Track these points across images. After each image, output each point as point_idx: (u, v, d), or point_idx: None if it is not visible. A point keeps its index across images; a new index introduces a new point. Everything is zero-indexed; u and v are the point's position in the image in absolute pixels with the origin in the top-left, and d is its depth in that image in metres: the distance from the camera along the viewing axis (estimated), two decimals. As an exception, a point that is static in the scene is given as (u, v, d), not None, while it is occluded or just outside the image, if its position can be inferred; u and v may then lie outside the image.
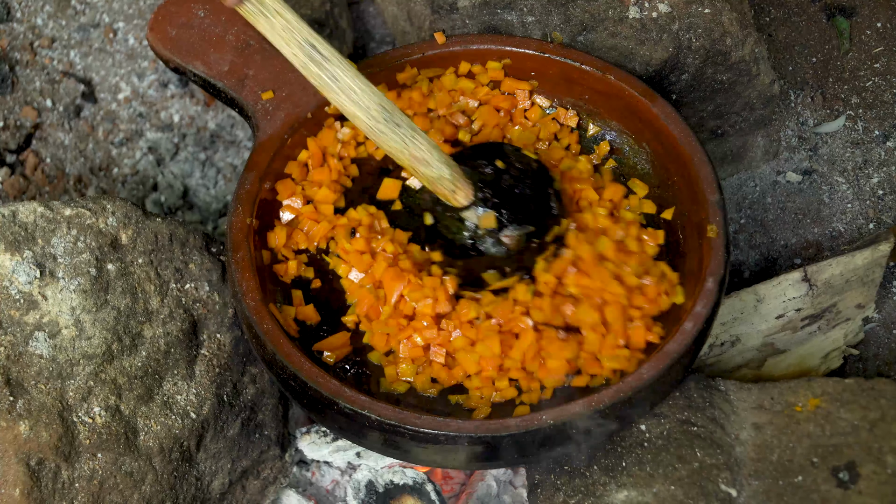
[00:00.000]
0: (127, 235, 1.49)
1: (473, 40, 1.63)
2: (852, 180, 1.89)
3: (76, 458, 1.38)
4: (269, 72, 1.60)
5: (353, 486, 1.58)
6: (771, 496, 1.37)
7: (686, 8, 1.67)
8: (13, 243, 1.43)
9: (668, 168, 1.55)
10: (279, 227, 1.52)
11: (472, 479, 1.59)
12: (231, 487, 1.52)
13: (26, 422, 1.36)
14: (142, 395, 1.43)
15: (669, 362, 1.37)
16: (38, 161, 1.94)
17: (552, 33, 1.67)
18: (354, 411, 1.36)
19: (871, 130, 1.93)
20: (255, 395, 1.54)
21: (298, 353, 1.40)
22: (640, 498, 1.38)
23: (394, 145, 1.39)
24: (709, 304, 1.40)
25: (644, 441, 1.42)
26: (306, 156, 1.56)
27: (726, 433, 1.43)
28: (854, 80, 1.96)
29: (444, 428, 1.34)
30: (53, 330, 1.41)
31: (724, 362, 1.66)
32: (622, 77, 1.57)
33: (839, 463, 1.38)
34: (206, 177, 1.97)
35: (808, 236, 1.86)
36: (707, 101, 1.77)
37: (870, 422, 1.40)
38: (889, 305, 1.77)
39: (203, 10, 1.63)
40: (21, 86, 1.97)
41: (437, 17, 1.72)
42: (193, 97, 2.00)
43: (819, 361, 1.69)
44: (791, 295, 1.66)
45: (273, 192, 1.54)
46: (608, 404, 1.35)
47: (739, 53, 1.70)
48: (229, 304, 1.53)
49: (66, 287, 1.43)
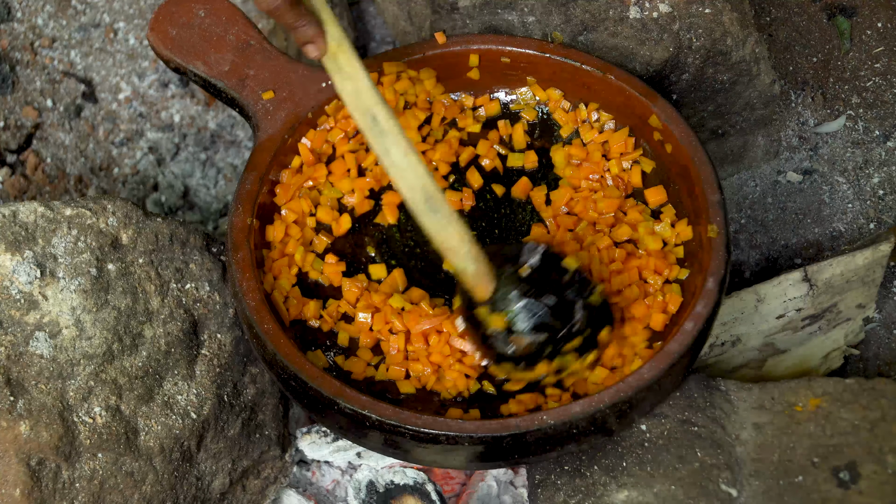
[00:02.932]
0: (127, 235, 1.49)
1: (474, 40, 1.63)
2: (853, 180, 1.89)
3: (77, 458, 1.38)
4: (269, 72, 1.60)
5: (354, 486, 1.58)
6: (771, 496, 1.37)
7: (687, 8, 1.67)
8: (14, 243, 1.43)
9: (668, 168, 1.55)
10: (279, 223, 1.53)
11: (473, 479, 1.59)
12: (231, 487, 1.52)
13: (27, 422, 1.36)
14: (142, 395, 1.43)
15: (670, 362, 1.37)
16: (39, 161, 1.94)
17: (553, 33, 1.68)
18: (355, 411, 1.36)
19: (872, 130, 1.93)
20: (256, 395, 1.54)
21: (299, 353, 1.40)
22: (640, 498, 1.38)
23: (429, 226, 1.40)
24: (709, 304, 1.40)
25: (644, 441, 1.42)
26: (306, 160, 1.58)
27: (727, 433, 1.43)
28: (854, 80, 1.96)
29: (445, 428, 1.34)
30: (54, 330, 1.41)
31: (725, 362, 1.66)
32: (623, 77, 1.57)
33: (840, 463, 1.38)
34: (207, 177, 1.97)
35: (809, 236, 1.86)
36: (707, 101, 1.77)
37: (870, 422, 1.40)
38: (890, 305, 1.77)
39: (203, 10, 1.63)
40: (21, 86, 1.97)
41: (437, 17, 1.72)
42: (194, 97, 2.00)
43: (819, 361, 1.69)
44: (791, 295, 1.66)
45: (271, 194, 1.55)
46: (608, 404, 1.35)
47: (740, 53, 1.70)
48: (230, 303, 1.53)
49: (67, 287, 1.43)
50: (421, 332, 1.45)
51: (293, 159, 1.58)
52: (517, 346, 1.41)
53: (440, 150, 1.60)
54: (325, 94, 1.59)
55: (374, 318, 1.48)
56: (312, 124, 1.59)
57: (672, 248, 1.49)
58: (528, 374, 1.42)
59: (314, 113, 1.59)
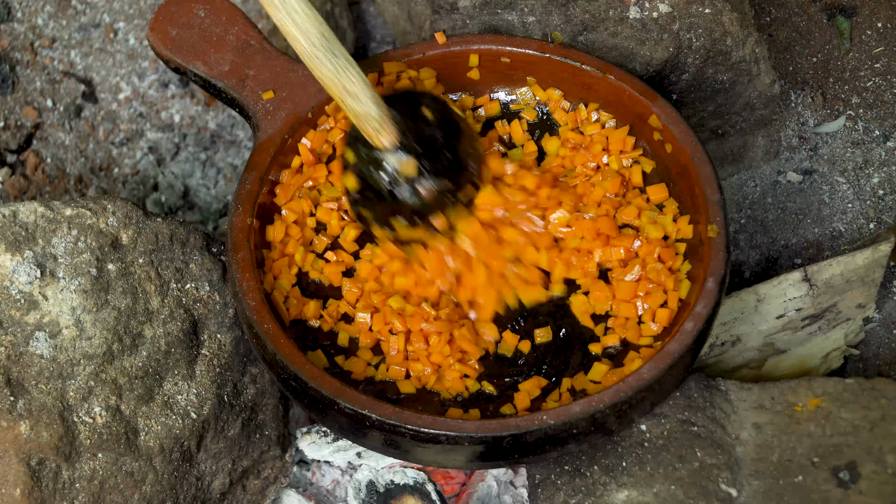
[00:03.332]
0: (127, 235, 1.49)
1: (474, 40, 1.63)
2: (853, 180, 1.89)
3: (77, 458, 1.38)
4: (269, 72, 1.60)
5: (354, 485, 1.58)
6: (771, 496, 1.37)
7: (686, 8, 1.67)
8: (14, 243, 1.43)
9: (668, 168, 1.55)
10: (279, 223, 1.53)
11: (473, 479, 1.59)
12: (231, 487, 1.52)
13: (27, 422, 1.36)
14: (142, 395, 1.43)
15: (670, 362, 1.37)
16: (39, 161, 1.94)
17: (552, 33, 1.67)
18: (355, 411, 1.36)
19: (872, 130, 1.93)
20: (256, 395, 1.54)
21: (299, 353, 1.40)
22: (640, 498, 1.38)
23: (328, 73, 1.39)
24: (709, 303, 1.40)
25: (644, 441, 1.42)
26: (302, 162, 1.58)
27: (727, 433, 1.43)
28: (854, 80, 1.96)
29: (445, 428, 1.34)
30: (54, 330, 1.41)
31: (725, 362, 1.66)
32: (623, 77, 1.57)
33: (840, 463, 1.38)
34: (207, 177, 1.97)
35: (809, 236, 1.86)
36: (707, 101, 1.77)
37: (870, 422, 1.40)
38: (889, 305, 1.77)
39: (203, 10, 1.63)
40: (22, 86, 1.97)
41: (437, 17, 1.72)
42: (194, 97, 2.00)
43: (819, 361, 1.69)
44: (791, 295, 1.66)
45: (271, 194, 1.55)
46: (608, 404, 1.35)
47: (740, 53, 1.70)
48: (230, 303, 1.53)
49: (67, 287, 1.43)
50: (421, 332, 1.45)
51: (293, 159, 1.58)
52: (426, 193, 1.40)
53: None
54: (325, 94, 1.59)
55: (374, 318, 1.48)
56: (312, 124, 1.59)
57: (674, 243, 1.49)
58: (422, 233, 1.42)
59: (314, 113, 1.59)
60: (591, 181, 1.55)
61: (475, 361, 1.46)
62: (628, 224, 1.52)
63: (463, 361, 1.45)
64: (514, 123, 1.63)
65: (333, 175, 1.59)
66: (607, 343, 1.45)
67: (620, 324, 1.46)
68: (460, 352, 1.45)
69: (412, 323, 1.46)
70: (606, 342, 1.45)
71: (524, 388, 1.43)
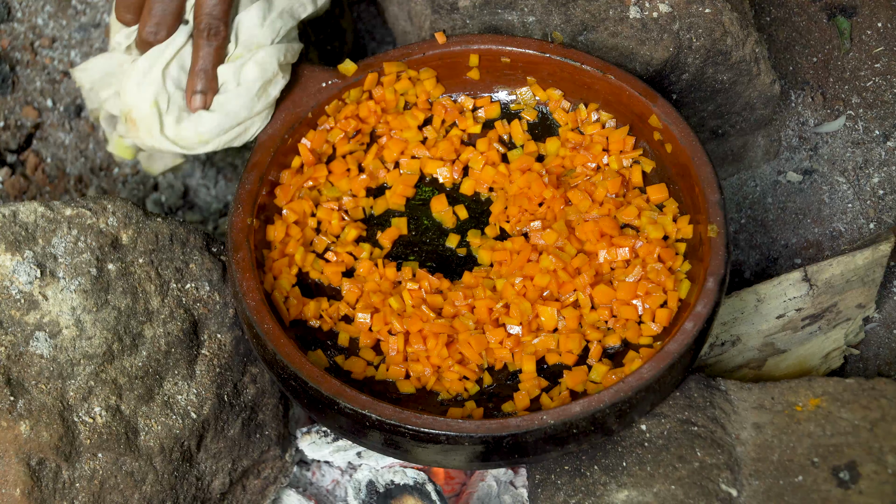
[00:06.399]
0: (127, 235, 1.49)
1: (474, 40, 1.63)
2: (853, 180, 1.89)
3: (77, 458, 1.38)
4: (269, 72, 1.60)
5: (354, 485, 1.58)
6: (771, 496, 1.37)
7: (687, 8, 1.67)
8: (14, 243, 1.43)
9: (668, 168, 1.55)
10: (280, 223, 1.53)
11: (473, 479, 1.59)
12: (231, 487, 1.52)
13: (27, 422, 1.36)
14: (142, 395, 1.43)
15: (670, 362, 1.37)
16: (39, 161, 1.94)
17: (553, 33, 1.68)
18: (355, 411, 1.36)
19: (872, 130, 1.93)
20: (256, 395, 1.54)
21: (299, 353, 1.40)
22: (640, 498, 1.38)
23: None
24: (709, 303, 1.40)
25: (644, 441, 1.42)
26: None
27: (727, 433, 1.43)
28: (854, 79, 1.96)
29: (445, 428, 1.34)
30: (54, 330, 1.41)
31: (725, 362, 1.66)
32: (623, 77, 1.57)
33: (840, 462, 1.38)
34: (207, 177, 1.97)
35: (809, 236, 1.86)
36: (707, 100, 1.77)
37: (870, 421, 1.40)
38: (889, 305, 1.77)
39: (203, 10, 1.63)
40: (22, 85, 1.97)
41: (437, 17, 1.72)
42: (194, 97, 2.00)
43: (819, 361, 1.69)
44: (791, 295, 1.66)
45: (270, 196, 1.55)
46: (608, 404, 1.35)
47: (740, 53, 1.70)
48: (230, 304, 1.53)
49: (67, 287, 1.43)
50: (420, 333, 1.45)
51: (293, 159, 1.58)
52: None
53: (442, 147, 1.60)
54: (325, 94, 1.59)
55: (374, 318, 1.48)
56: (312, 124, 1.59)
57: (673, 243, 1.49)
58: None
59: (314, 113, 1.59)
60: (592, 181, 1.55)
61: (474, 364, 1.45)
62: (628, 224, 1.52)
63: (463, 364, 1.45)
64: (514, 123, 1.63)
65: (333, 175, 1.59)
66: (607, 343, 1.45)
67: (620, 324, 1.46)
68: (459, 353, 1.45)
69: (411, 324, 1.46)
70: (607, 342, 1.45)
71: (524, 388, 1.43)
